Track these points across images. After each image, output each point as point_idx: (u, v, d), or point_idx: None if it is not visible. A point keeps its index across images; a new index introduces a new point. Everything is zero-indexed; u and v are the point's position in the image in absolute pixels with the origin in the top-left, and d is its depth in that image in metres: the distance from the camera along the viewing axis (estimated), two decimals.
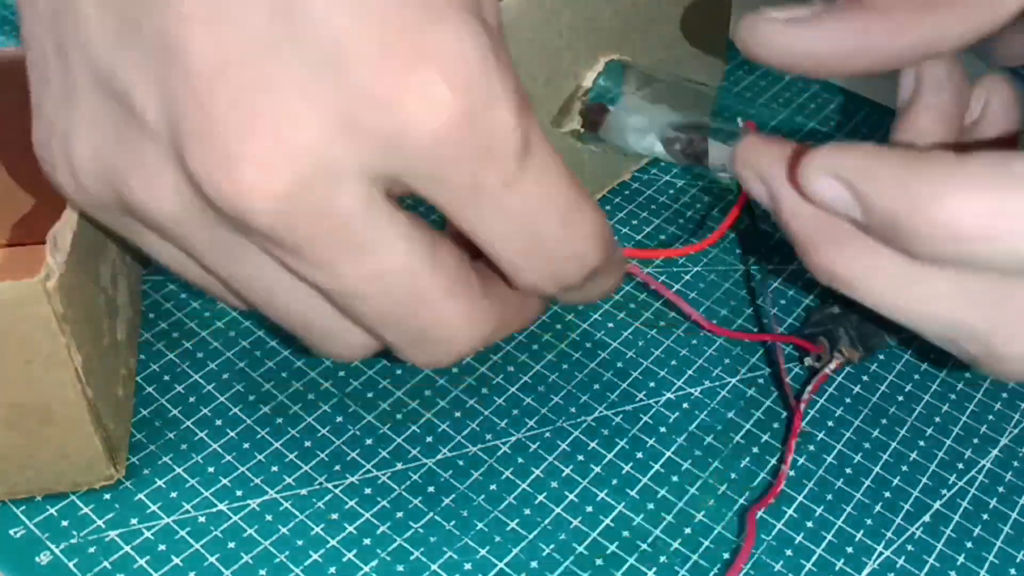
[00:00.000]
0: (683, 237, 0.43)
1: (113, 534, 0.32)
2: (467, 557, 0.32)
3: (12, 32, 0.53)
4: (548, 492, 0.34)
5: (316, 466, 0.34)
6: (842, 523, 0.33)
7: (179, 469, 0.33)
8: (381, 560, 0.32)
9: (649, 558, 0.32)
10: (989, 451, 0.36)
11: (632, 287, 0.41)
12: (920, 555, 0.33)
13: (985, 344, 0.24)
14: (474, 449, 0.35)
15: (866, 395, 0.37)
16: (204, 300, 0.39)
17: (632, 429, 0.36)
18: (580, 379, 0.37)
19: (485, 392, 0.37)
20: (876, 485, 0.34)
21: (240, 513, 0.32)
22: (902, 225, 0.23)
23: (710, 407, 0.37)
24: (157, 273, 0.40)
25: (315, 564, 0.31)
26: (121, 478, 0.33)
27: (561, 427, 0.36)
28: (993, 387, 0.38)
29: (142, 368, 0.36)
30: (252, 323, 0.38)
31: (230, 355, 0.37)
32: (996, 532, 0.33)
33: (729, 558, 0.32)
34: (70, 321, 0.28)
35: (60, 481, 0.32)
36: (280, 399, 0.36)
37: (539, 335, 0.39)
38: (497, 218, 0.23)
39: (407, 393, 0.36)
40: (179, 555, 0.31)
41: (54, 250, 0.27)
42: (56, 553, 0.31)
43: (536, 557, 0.32)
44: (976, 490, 0.35)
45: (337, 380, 0.37)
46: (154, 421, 0.35)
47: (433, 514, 0.33)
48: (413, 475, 0.34)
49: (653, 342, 0.39)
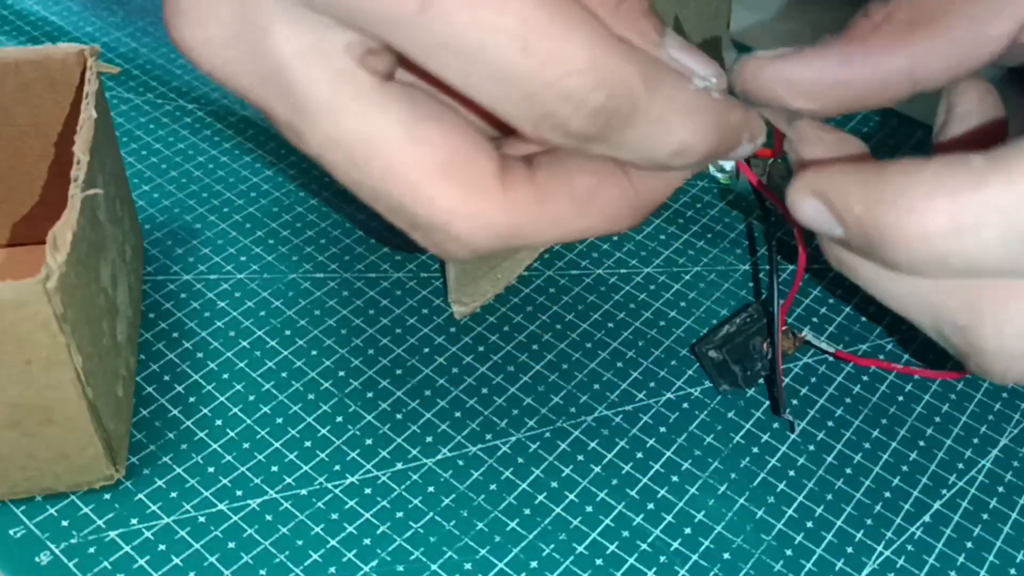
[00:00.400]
0: (683, 237, 0.43)
1: (113, 534, 0.32)
2: (467, 557, 0.32)
3: (12, 32, 0.53)
4: (548, 492, 0.34)
5: (316, 466, 0.34)
6: (842, 523, 0.33)
7: (179, 469, 0.33)
8: (381, 560, 0.32)
9: (649, 558, 0.32)
10: (989, 451, 0.36)
11: (632, 287, 0.41)
12: (920, 555, 0.33)
13: (967, 338, 0.24)
14: (474, 449, 0.35)
15: (866, 395, 0.37)
16: (204, 300, 0.39)
17: (632, 429, 0.36)
18: (580, 379, 0.37)
19: (485, 392, 0.37)
20: (876, 485, 0.34)
21: (240, 513, 0.32)
22: (875, 238, 0.23)
23: (710, 407, 0.37)
24: (157, 273, 0.40)
25: (315, 564, 0.31)
26: (121, 478, 0.33)
27: (561, 427, 0.36)
28: (993, 387, 0.38)
29: (142, 368, 0.36)
30: (252, 323, 0.38)
31: (230, 355, 0.37)
32: (996, 532, 0.33)
33: (729, 558, 0.32)
34: (70, 321, 0.28)
35: (60, 481, 0.32)
36: (280, 399, 0.36)
37: (539, 335, 0.39)
38: (440, 52, 0.21)
39: (407, 393, 0.36)
40: (179, 555, 0.31)
41: (54, 250, 0.27)
42: (56, 553, 0.31)
43: (536, 557, 0.32)
44: (976, 490, 0.35)
45: (337, 380, 0.37)
46: (154, 421, 0.35)
47: (433, 514, 0.33)
48: (413, 475, 0.34)
49: (653, 342, 0.39)
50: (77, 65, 0.35)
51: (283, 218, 0.43)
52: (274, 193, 0.44)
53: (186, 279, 0.40)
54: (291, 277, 0.40)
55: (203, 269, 0.40)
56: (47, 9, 0.54)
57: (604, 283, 0.41)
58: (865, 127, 0.49)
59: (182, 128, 0.47)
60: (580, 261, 0.42)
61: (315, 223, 0.43)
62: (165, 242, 0.41)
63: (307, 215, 0.43)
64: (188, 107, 0.49)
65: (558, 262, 0.42)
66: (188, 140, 0.47)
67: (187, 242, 0.41)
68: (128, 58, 0.52)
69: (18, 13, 0.54)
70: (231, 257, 0.41)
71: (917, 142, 0.30)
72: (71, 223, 0.28)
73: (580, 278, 0.41)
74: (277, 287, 0.40)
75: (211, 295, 0.39)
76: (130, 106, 0.48)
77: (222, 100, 0.49)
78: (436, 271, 0.41)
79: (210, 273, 0.40)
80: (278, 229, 0.42)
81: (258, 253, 0.41)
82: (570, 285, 0.41)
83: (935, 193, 0.22)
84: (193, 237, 0.42)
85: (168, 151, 0.46)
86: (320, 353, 0.37)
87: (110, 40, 0.53)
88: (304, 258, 0.41)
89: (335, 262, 0.41)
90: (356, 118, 0.22)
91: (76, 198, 0.29)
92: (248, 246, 0.42)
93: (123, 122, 0.47)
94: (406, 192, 0.23)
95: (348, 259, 0.41)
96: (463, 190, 0.23)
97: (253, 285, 0.40)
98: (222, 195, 0.44)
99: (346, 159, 0.22)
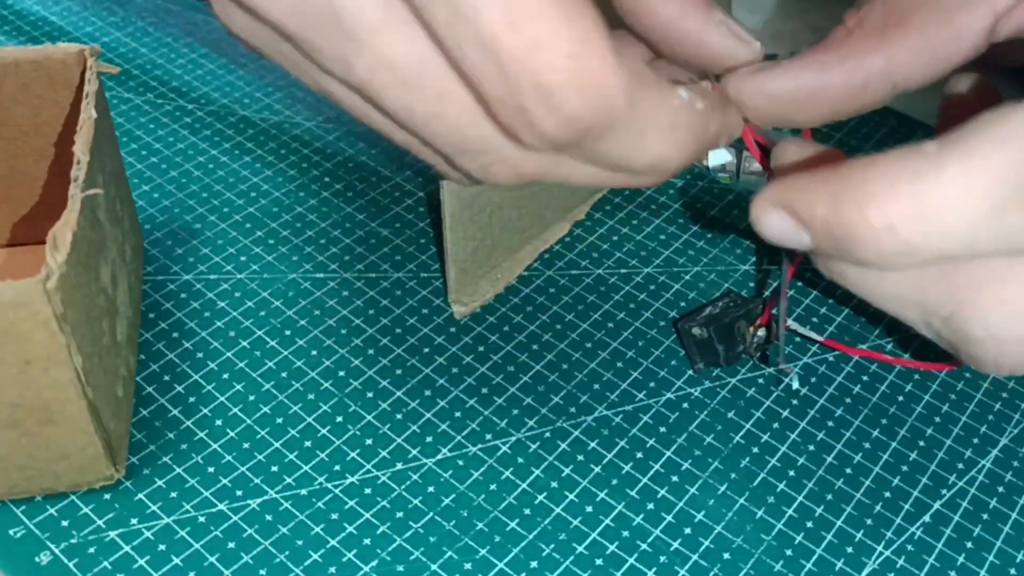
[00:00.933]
0: (683, 237, 0.43)
1: (113, 534, 0.32)
2: (467, 557, 0.32)
3: (12, 32, 0.53)
4: (548, 492, 0.34)
5: (316, 466, 0.34)
6: (842, 523, 0.33)
7: (179, 469, 0.33)
8: (381, 560, 0.32)
9: (649, 558, 0.32)
10: (989, 451, 0.36)
11: (632, 287, 0.41)
12: (920, 555, 0.33)
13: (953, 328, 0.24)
14: (474, 449, 0.35)
15: (866, 395, 0.37)
16: (204, 300, 0.39)
17: (632, 429, 0.36)
18: (580, 379, 0.37)
19: (485, 392, 0.37)
20: (876, 485, 0.34)
21: (240, 513, 0.32)
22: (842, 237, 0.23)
23: (710, 407, 0.37)
24: (157, 273, 0.40)
25: (315, 564, 0.31)
26: (121, 478, 0.33)
27: (561, 427, 0.36)
28: (993, 387, 0.38)
29: (142, 368, 0.36)
30: (252, 323, 0.38)
31: (230, 355, 0.37)
32: (996, 532, 0.33)
33: (729, 557, 0.32)
34: (70, 321, 0.28)
35: (60, 481, 0.32)
36: (280, 399, 0.36)
37: (539, 335, 0.39)
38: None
39: (407, 393, 0.36)
40: (179, 555, 0.31)
41: (54, 250, 0.27)
42: (56, 553, 0.31)
43: (536, 557, 0.32)
44: (976, 490, 0.35)
45: (337, 380, 0.37)
46: (154, 421, 0.35)
47: (433, 514, 0.33)
48: (413, 475, 0.34)
49: (653, 342, 0.39)
50: (77, 65, 0.35)
51: (283, 218, 0.43)
52: (274, 193, 0.44)
53: (186, 279, 0.40)
54: (291, 277, 0.40)
55: (203, 269, 0.40)
56: (47, 9, 0.54)
57: (604, 283, 0.41)
58: (865, 127, 0.49)
59: (182, 128, 0.47)
60: (580, 261, 0.42)
61: (315, 223, 0.43)
62: (165, 242, 0.41)
63: (307, 215, 0.43)
64: (188, 107, 0.49)
65: (558, 262, 0.42)
66: (188, 140, 0.47)
67: (187, 242, 0.41)
68: (128, 58, 0.52)
69: (18, 13, 0.54)
70: (231, 257, 0.41)
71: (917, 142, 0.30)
72: (71, 223, 0.28)
73: (580, 278, 0.41)
74: (277, 287, 0.40)
75: (211, 295, 0.39)
76: (130, 106, 0.48)
77: (222, 100, 0.49)
78: (436, 271, 0.41)
79: (210, 273, 0.40)
80: (278, 229, 0.42)
81: (258, 253, 0.41)
82: (570, 285, 0.41)
83: (894, 182, 0.22)
84: (193, 237, 0.42)
85: (168, 151, 0.46)
86: (320, 353, 0.37)
87: (110, 40, 0.53)
88: (304, 258, 0.41)
89: (335, 262, 0.41)
90: (409, 40, 0.21)
91: (76, 198, 0.29)
92: (248, 246, 0.42)
93: (123, 122, 0.47)
94: (462, 112, 0.22)
95: (348, 259, 0.41)
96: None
97: (253, 285, 0.40)
98: (222, 195, 0.44)
99: (399, 82, 0.22)
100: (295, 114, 0.48)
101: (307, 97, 0.49)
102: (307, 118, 0.48)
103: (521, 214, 0.40)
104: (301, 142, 0.47)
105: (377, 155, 0.46)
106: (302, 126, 0.48)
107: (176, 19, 0.54)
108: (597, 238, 0.43)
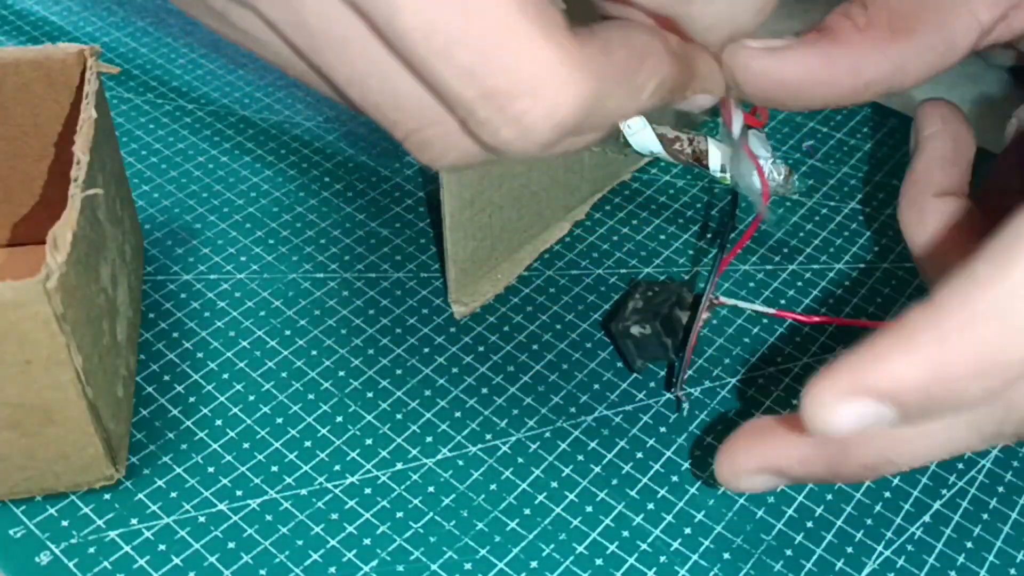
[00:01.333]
0: (683, 237, 0.43)
1: (113, 534, 0.32)
2: (467, 557, 0.32)
3: (12, 32, 0.53)
4: (548, 492, 0.34)
5: (316, 466, 0.34)
6: (842, 523, 0.33)
7: (179, 469, 0.33)
8: (381, 560, 0.32)
9: (649, 558, 0.32)
10: (989, 451, 0.36)
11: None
12: (920, 555, 0.33)
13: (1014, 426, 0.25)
14: (474, 449, 0.35)
15: None
16: (204, 300, 0.39)
17: (632, 429, 0.36)
18: (580, 379, 0.37)
19: (485, 392, 0.37)
20: (876, 485, 0.34)
21: (240, 513, 0.32)
22: (946, 393, 0.22)
23: (710, 407, 0.37)
24: (157, 273, 0.40)
25: (315, 564, 0.31)
26: (121, 478, 0.33)
27: (561, 427, 0.36)
28: None
29: (142, 368, 0.37)
30: (252, 323, 0.38)
31: (230, 355, 0.37)
32: (996, 532, 0.33)
33: (729, 557, 0.32)
34: (70, 321, 0.28)
35: (60, 481, 0.32)
36: (280, 399, 0.36)
37: (539, 335, 0.39)
38: None
39: (407, 393, 0.36)
40: (179, 555, 0.31)
41: (54, 250, 0.27)
42: (56, 553, 0.31)
43: (536, 557, 0.32)
44: (976, 490, 0.35)
45: (337, 380, 0.37)
46: (154, 421, 0.35)
47: (433, 514, 0.33)
48: (413, 475, 0.34)
49: None
50: (77, 65, 0.35)
51: (283, 218, 0.43)
52: (274, 193, 0.44)
53: (186, 279, 0.40)
54: (291, 277, 0.40)
55: (203, 269, 0.40)
56: (47, 9, 0.54)
57: (604, 283, 0.41)
58: (865, 127, 0.49)
59: (182, 128, 0.47)
60: (580, 261, 0.42)
61: (315, 223, 0.43)
62: (165, 242, 0.41)
63: (307, 215, 0.43)
64: (188, 107, 0.49)
65: (558, 262, 0.42)
66: (188, 140, 0.47)
67: (187, 242, 0.41)
68: (128, 58, 0.52)
69: (18, 13, 0.54)
70: (231, 257, 0.41)
71: None
72: (71, 223, 0.28)
73: (580, 278, 0.41)
74: (277, 287, 0.40)
75: (211, 295, 0.39)
76: (130, 106, 0.48)
77: (222, 100, 0.49)
78: (436, 271, 0.41)
79: (210, 273, 0.40)
80: (278, 229, 0.42)
81: (258, 253, 0.41)
82: (570, 285, 0.41)
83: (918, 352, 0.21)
84: (193, 237, 0.42)
85: (168, 151, 0.46)
86: (320, 353, 0.38)
87: (110, 40, 0.53)
88: (304, 258, 0.41)
89: (335, 262, 0.41)
90: None
91: (76, 198, 0.29)
92: (248, 246, 0.42)
93: (123, 122, 0.47)
94: (506, 45, 0.20)
95: (348, 259, 0.41)
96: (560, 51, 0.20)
97: (253, 285, 0.40)
98: (222, 195, 0.44)
99: (428, 24, 0.20)
100: (295, 114, 0.48)
101: (307, 97, 0.49)
102: (307, 118, 0.48)
103: (521, 214, 0.40)
104: (301, 142, 0.47)
105: (377, 155, 0.46)
106: (302, 126, 0.48)
107: (176, 19, 0.54)
108: (597, 238, 0.43)
